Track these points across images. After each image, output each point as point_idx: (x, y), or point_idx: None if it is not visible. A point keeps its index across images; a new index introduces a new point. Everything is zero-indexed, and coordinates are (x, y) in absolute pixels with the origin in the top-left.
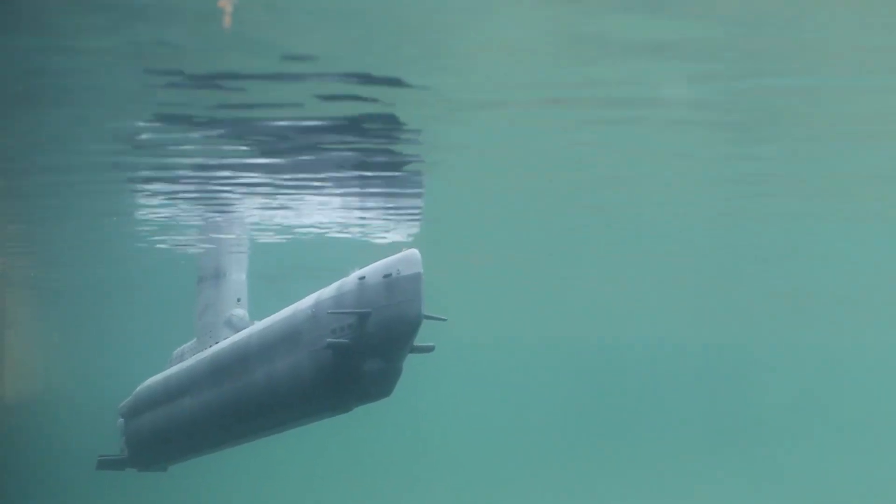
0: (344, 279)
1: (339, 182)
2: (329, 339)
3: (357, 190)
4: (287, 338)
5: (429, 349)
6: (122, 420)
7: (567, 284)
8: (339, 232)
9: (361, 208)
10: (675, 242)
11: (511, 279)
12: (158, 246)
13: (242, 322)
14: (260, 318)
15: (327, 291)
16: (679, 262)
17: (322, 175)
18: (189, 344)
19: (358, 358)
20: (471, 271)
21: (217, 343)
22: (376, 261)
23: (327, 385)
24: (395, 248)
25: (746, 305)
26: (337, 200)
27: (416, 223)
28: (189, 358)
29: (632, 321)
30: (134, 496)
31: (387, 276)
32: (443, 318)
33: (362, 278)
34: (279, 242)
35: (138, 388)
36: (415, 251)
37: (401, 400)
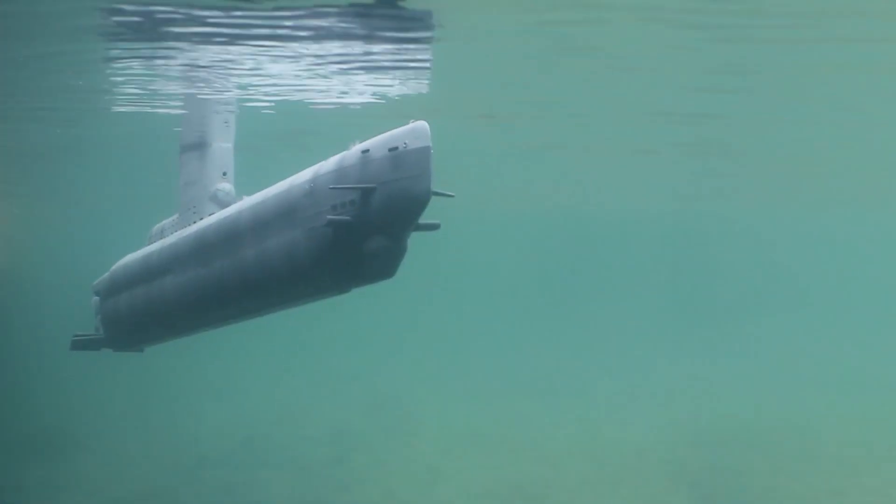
0: (345, 153)
1: (344, 33)
2: (329, 216)
3: (362, 43)
4: (282, 214)
5: (434, 227)
6: (96, 298)
7: (552, 152)
8: (339, 96)
9: (365, 65)
10: (656, 110)
11: (500, 142)
12: (130, 108)
13: (228, 197)
14: (248, 194)
15: (327, 165)
16: (660, 128)
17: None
18: (170, 220)
19: (360, 236)
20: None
21: (202, 219)
22: (380, 133)
23: (325, 265)
24: (397, 116)
25: (726, 176)
26: (336, 47)
27: (425, 81)
28: (170, 235)
29: (615, 190)
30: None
31: (392, 149)
32: (451, 194)
33: (366, 151)
34: (268, 110)
35: (115, 266)
36: (423, 123)
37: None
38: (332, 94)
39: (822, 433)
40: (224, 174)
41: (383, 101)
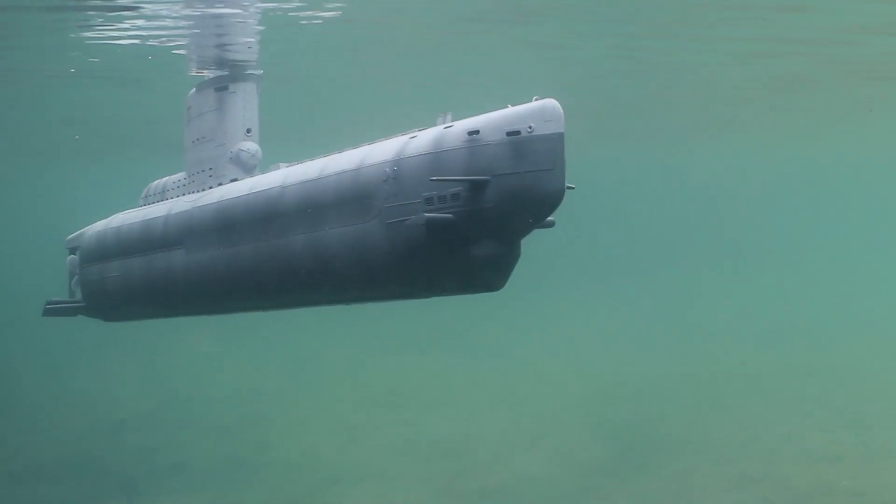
0: (441, 130)
1: None
2: (427, 214)
3: None
4: (348, 199)
5: (549, 224)
6: (73, 258)
7: None
8: None
9: None
10: None
11: None
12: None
13: (253, 160)
14: (276, 162)
15: (416, 145)
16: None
17: None
18: (174, 178)
19: (464, 239)
20: None
21: (221, 185)
22: (490, 110)
23: (412, 269)
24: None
25: None
26: None
27: None
28: (175, 198)
29: None
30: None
31: (513, 133)
32: (571, 186)
33: (474, 133)
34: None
35: (102, 227)
36: (553, 102)
37: None
38: None
39: (736, 384)
40: (248, 131)
41: None
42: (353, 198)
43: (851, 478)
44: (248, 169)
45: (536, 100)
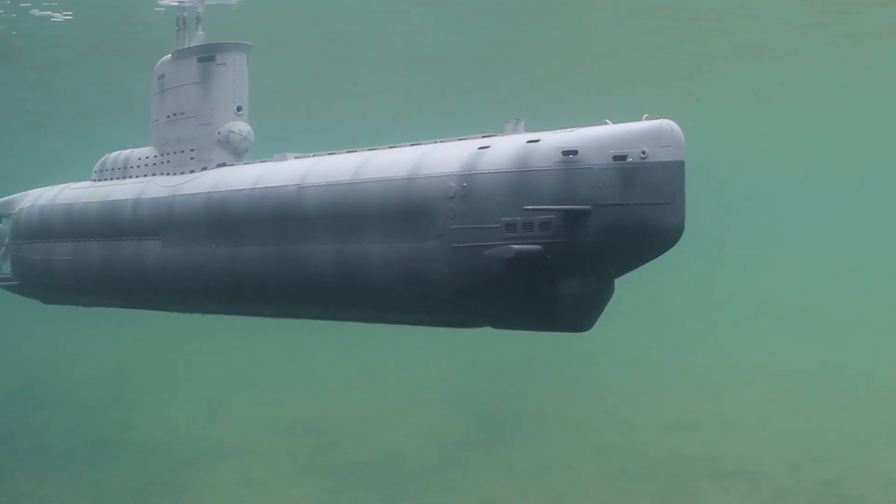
0: (523, 143)
1: None
2: (514, 246)
3: None
4: (398, 213)
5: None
6: (2, 228)
7: None
8: None
9: None
10: None
11: None
12: None
13: (245, 143)
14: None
15: (493, 158)
16: None
17: None
18: (140, 153)
19: (551, 273)
20: None
21: (207, 170)
22: (586, 125)
23: (481, 302)
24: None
25: None
26: None
27: None
28: (143, 177)
29: None
30: None
31: (621, 158)
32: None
33: (571, 153)
34: None
35: (47, 200)
36: (671, 124)
37: None
38: None
39: (594, 359)
40: (238, 109)
41: None
42: (403, 212)
43: (706, 444)
44: (239, 153)
45: (647, 119)
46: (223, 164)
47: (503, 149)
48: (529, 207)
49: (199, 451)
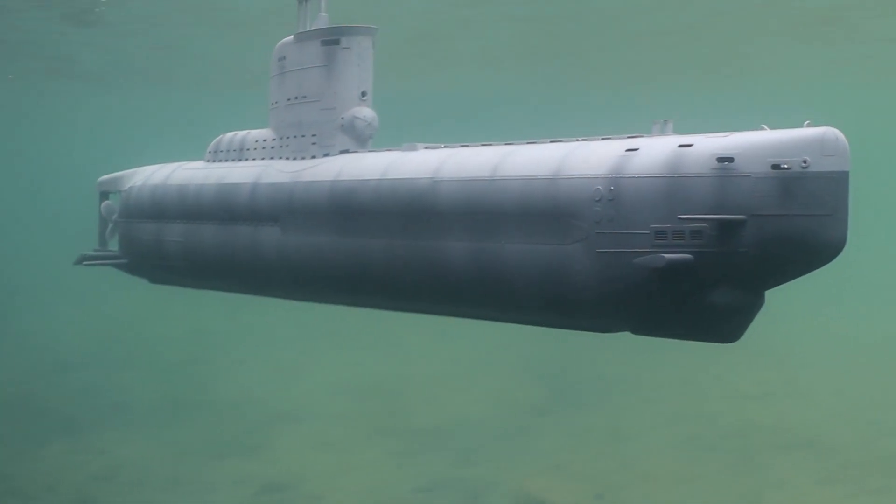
0: (674, 147)
1: None
2: (665, 255)
3: None
4: (539, 213)
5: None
6: (110, 204)
7: None
8: None
9: None
10: None
11: None
12: None
13: (369, 129)
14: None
15: (642, 162)
16: None
17: None
18: (257, 135)
19: (701, 283)
20: None
21: (329, 157)
22: (739, 129)
23: (626, 309)
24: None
25: None
26: None
27: None
28: (261, 160)
29: None
30: None
31: (780, 167)
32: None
33: (727, 160)
34: None
35: (159, 179)
36: (835, 132)
37: None
38: None
39: None
40: (363, 95)
41: None
42: (545, 213)
43: (776, 415)
44: (363, 140)
45: (808, 125)
46: (346, 151)
47: (653, 152)
48: (684, 217)
49: (274, 412)
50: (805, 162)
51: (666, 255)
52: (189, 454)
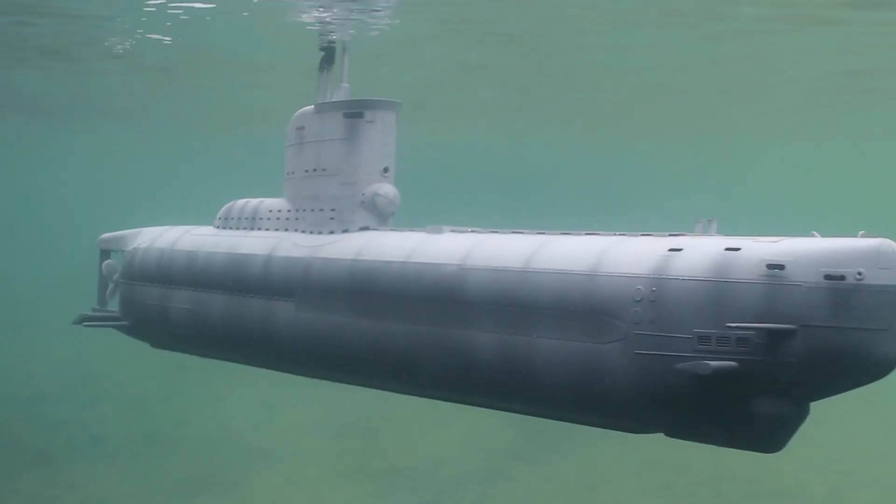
0: (720, 250)
1: None
2: (711, 363)
3: None
4: (575, 310)
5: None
6: (111, 264)
7: None
8: None
9: None
10: None
11: None
12: None
13: (391, 206)
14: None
15: (687, 263)
16: None
17: None
18: (270, 204)
19: (745, 391)
20: None
21: (348, 233)
22: (794, 236)
23: (664, 413)
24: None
25: None
26: None
27: None
28: (275, 230)
29: None
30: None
31: (833, 277)
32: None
33: (777, 267)
34: None
35: (166, 243)
36: (891, 244)
37: None
38: None
39: None
40: (385, 171)
41: None
42: (581, 310)
43: (749, 465)
44: (384, 217)
45: (863, 236)
46: (366, 228)
47: (698, 253)
48: (733, 325)
49: (250, 450)
50: (860, 274)
51: (711, 363)
52: (163, 490)
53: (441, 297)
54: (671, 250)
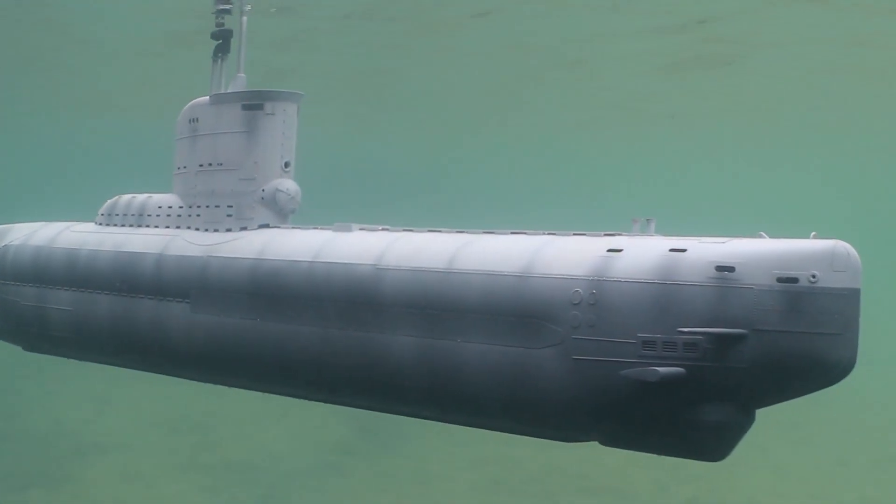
0: (664, 251)
1: None
2: (657, 369)
3: None
4: (506, 312)
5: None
6: None
7: None
8: None
9: None
10: None
11: None
12: None
13: (292, 203)
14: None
15: (628, 265)
16: None
17: None
18: (159, 200)
19: (691, 398)
20: None
21: (247, 231)
22: (746, 235)
23: (605, 421)
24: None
25: None
26: None
27: None
28: (165, 228)
29: None
30: None
31: (786, 280)
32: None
33: (727, 270)
34: None
35: (42, 240)
36: (846, 247)
37: None
38: None
39: None
40: (286, 165)
41: None
42: (513, 313)
43: (578, 461)
44: (284, 214)
45: (815, 237)
46: (266, 226)
47: (641, 254)
48: (685, 330)
49: (82, 444)
50: (814, 276)
51: (660, 369)
52: None
53: (354, 298)
54: (610, 251)
